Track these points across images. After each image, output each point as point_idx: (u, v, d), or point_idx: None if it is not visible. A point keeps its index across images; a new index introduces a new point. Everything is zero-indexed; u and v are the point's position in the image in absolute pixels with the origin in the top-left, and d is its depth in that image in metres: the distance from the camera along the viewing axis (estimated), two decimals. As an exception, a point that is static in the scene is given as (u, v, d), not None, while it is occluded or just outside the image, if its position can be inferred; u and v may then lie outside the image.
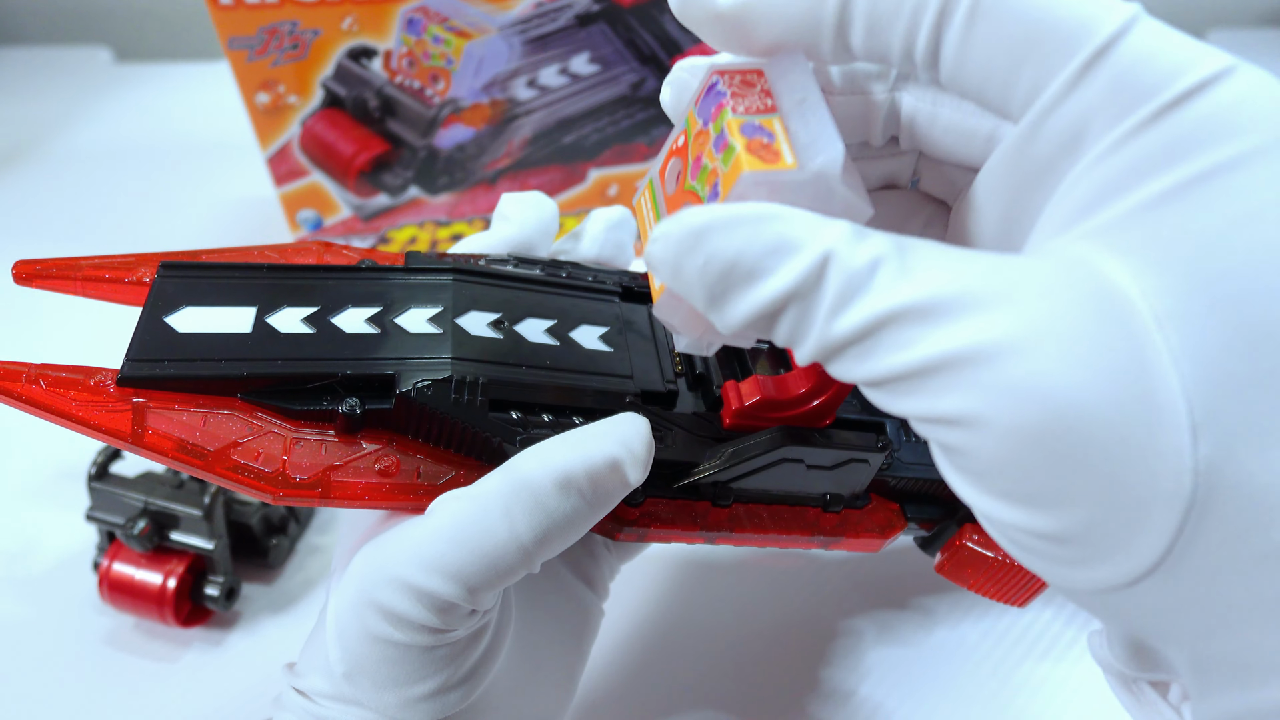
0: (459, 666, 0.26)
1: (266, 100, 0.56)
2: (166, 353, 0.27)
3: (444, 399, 0.27)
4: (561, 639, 0.32)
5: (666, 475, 0.30)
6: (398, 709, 0.26)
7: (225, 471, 0.26)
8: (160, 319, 0.27)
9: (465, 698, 0.27)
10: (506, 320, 0.30)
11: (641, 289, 0.34)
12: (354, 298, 0.29)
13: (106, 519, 0.42)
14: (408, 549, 0.25)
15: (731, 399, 0.30)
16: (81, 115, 0.83)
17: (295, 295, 0.29)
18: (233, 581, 0.43)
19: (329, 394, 0.27)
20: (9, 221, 0.71)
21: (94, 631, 0.43)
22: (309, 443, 0.27)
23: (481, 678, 0.27)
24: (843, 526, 0.32)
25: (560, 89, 0.58)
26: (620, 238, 0.36)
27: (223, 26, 0.52)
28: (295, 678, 0.28)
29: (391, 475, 0.27)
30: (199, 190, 0.74)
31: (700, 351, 0.25)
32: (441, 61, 0.55)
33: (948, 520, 0.34)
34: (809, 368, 0.29)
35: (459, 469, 0.28)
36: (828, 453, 0.30)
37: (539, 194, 0.35)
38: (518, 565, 0.25)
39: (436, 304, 0.29)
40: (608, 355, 0.31)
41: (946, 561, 0.34)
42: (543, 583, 0.32)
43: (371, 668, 0.26)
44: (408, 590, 0.24)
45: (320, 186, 0.61)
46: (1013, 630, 0.44)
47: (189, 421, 0.26)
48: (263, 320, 0.28)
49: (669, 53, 0.57)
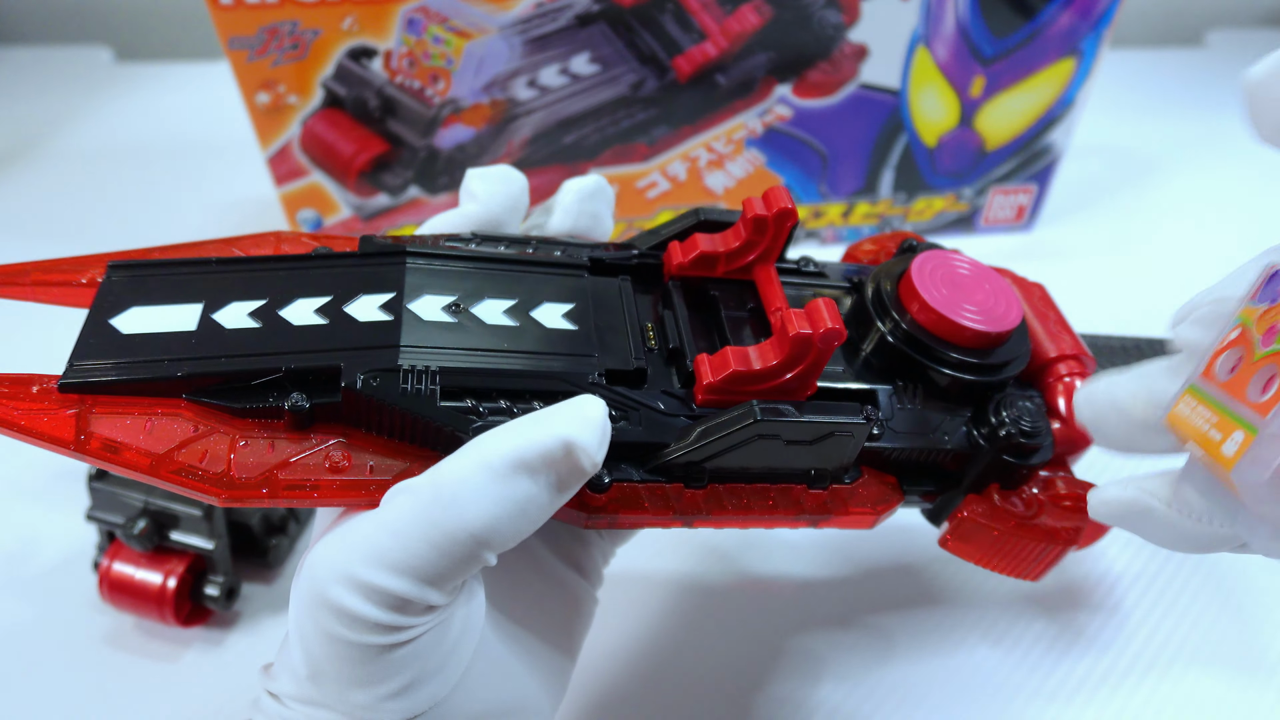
0: (425, 661, 0.25)
1: (267, 100, 0.56)
2: (110, 356, 0.26)
3: (392, 390, 0.26)
4: (548, 626, 0.31)
5: (636, 458, 0.29)
6: (366, 709, 0.25)
7: (170, 475, 0.25)
8: (105, 321, 0.27)
9: (437, 693, 0.26)
10: (462, 303, 0.29)
11: (613, 260, 0.33)
12: (304, 288, 0.28)
13: (106, 519, 0.42)
14: (357, 545, 0.24)
15: (703, 374, 0.29)
16: (81, 115, 0.83)
17: (244, 289, 0.28)
18: (233, 581, 0.43)
19: (275, 390, 0.26)
20: (9, 221, 0.71)
21: (94, 631, 0.43)
22: (256, 441, 0.26)
23: (454, 671, 0.26)
24: (831, 503, 0.31)
25: (560, 89, 0.58)
26: (594, 208, 0.34)
27: (223, 26, 0.52)
28: (269, 680, 0.27)
29: (343, 471, 0.26)
30: (199, 190, 0.74)
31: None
32: (442, 61, 0.55)
33: (951, 491, 0.33)
34: (780, 336, 0.28)
35: (414, 461, 0.27)
36: (805, 426, 0.28)
37: (506, 167, 0.33)
38: (471, 556, 0.24)
39: (389, 290, 0.28)
40: (571, 334, 0.29)
41: (951, 534, 0.32)
42: (526, 571, 0.31)
43: (333, 669, 0.25)
44: (358, 587, 0.24)
45: (320, 186, 0.61)
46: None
47: (133, 425, 0.25)
48: (209, 317, 0.27)
49: (669, 53, 0.57)
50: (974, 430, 0.32)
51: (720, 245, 0.32)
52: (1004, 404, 0.32)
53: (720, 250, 0.32)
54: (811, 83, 0.60)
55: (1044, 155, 0.66)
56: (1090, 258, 0.68)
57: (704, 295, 0.33)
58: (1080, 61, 0.60)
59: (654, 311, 0.32)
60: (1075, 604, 0.45)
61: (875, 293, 0.33)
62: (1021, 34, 0.58)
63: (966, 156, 0.65)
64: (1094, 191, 0.76)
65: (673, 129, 0.61)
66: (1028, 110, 0.63)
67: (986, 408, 0.32)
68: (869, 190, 0.66)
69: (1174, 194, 0.76)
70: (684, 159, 0.62)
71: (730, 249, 0.32)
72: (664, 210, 0.65)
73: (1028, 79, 0.61)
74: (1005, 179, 0.67)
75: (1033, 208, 0.70)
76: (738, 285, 0.33)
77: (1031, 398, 0.32)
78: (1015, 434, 0.31)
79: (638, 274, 0.33)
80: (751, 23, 0.56)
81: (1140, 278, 0.66)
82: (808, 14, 0.56)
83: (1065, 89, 0.62)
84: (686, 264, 0.32)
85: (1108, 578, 0.46)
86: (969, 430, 0.32)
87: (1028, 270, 0.41)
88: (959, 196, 0.68)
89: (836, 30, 0.57)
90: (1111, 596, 0.46)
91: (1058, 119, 0.64)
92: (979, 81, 0.61)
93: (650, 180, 0.63)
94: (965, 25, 0.58)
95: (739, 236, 0.32)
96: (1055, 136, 0.65)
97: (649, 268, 0.33)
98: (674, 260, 0.33)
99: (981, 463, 0.32)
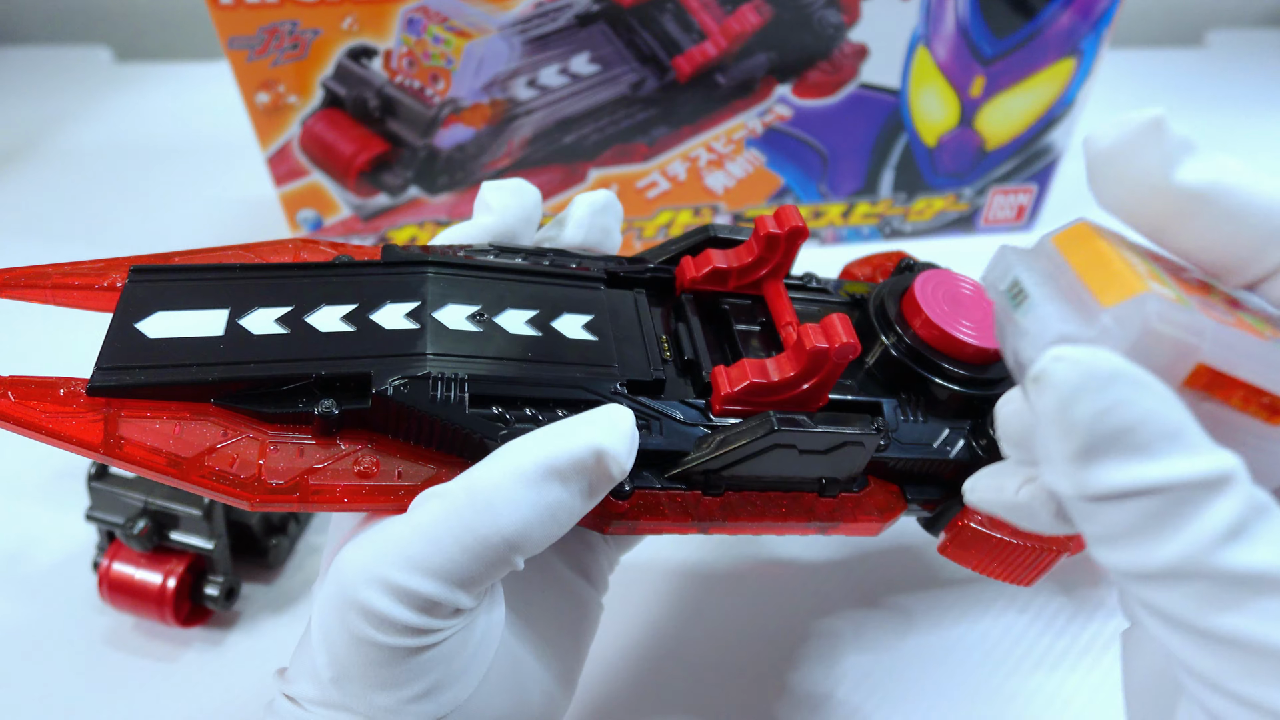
0: (449, 665, 0.26)
1: (266, 100, 0.56)
2: (137, 360, 0.26)
3: (422, 397, 0.26)
4: (559, 633, 0.31)
5: (656, 465, 0.29)
6: (389, 712, 0.25)
7: (200, 479, 0.25)
8: (131, 325, 0.27)
9: (458, 697, 0.26)
10: (486, 312, 0.29)
11: (627, 274, 0.33)
12: (329, 295, 0.28)
13: (106, 519, 0.42)
14: (389, 548, 0.24)
15: (721, 385, 0.30)
16: (81, 115, 0.83)
17: (269, 295, 0.28)
18: (233, 581, 0.43)
19: (304, 396, 0.26)
20: (9, 221, 0.71)
21: (94, 631, 0.43)
22: (286, 446, 0.26)
23: (476, 674, 0.27)
24: (840, 511, 0.32)
25: (560, 89, 0.58)
26: (605, 222, 0.35)
27: (223, 26, 0.52)
28: (286, 684, 0.27)
29: (371, 476, 0.26)
30: (199, 190, 0.74)
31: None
32: (441, 61, 0.55)
33: (950, 500, 0.34)
34: (796, 350, 0.29)
35: (441, 467, 0.27)
36: (820, 437, 0.29)
37: (521, 181, 0.34)
38: (502, 560, 0.25)
39: (413, 299, 0.29)
40: (592, 344, 0.30)
41: (950, 542, 0.33)
42: (537, 577, 0.31)
43: (359, 671, 0.25)
44: (390, 590, 0.24)
45: (320, 186, 0.61)
46: (992, 633, 0.44)
47: (162, 429, 0.25)
48: (235, 322, 0.27)
49: (669, 53, 0.57)
50: (973, 442, 0.33)
51: (732, 261, 0.34)
52: None
53: (732, 266, 0.33)
54: (811, 83, 0.60)
55: (1044, 155, 0.66)
56: (1090, 258, 0.68)
57: (715, 309, 0.34)
58: (1080, 61, 0.60)
59: (666, 324, 0.33)
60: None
61: (879, 308, 0.34)
62: (1022, 34, 0.58)
63: (967, 156, 0.65)
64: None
65: (673, 129, 0.61)
66: (1028, 110, 0.63)
67: (985, 420, 0.33)
68: (869, 190, 0.66)
69: (1174, 194, 0.76)
70: (684, 159, 0.62)
71: (742, 264, 0.33)
72: (664, 210, 0.65)
73: (1028, 79, 0.61)
74: (1005, 179, 0.67)
75: (1033, 208, 0.70)
76: (748, 299, 0.35)
77: None
78: None
79: (651, 287, 0.34)
80: (751, 23, 0.56)
81: (1140, 278, 0.66)
82: (808, 14, 0.56)
83: (1065, 89, 0.62)
84: (699, 278, 0.34)
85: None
86: (969, 442, 0.33)
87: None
88: (959, 196, 0.68)
89: (836, 30, 0.57)
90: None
91: (1058, 119, 0.64)
92: (979, 81, 0.61)
93: (650, 180, 0.63)
94: (965, 25, 0.58)
95: (751, 252, 0.33)
96: (1055, 136, 0.65)
97: (662, 281, 0.34)
98: (687, 275, 0.34)
99: None
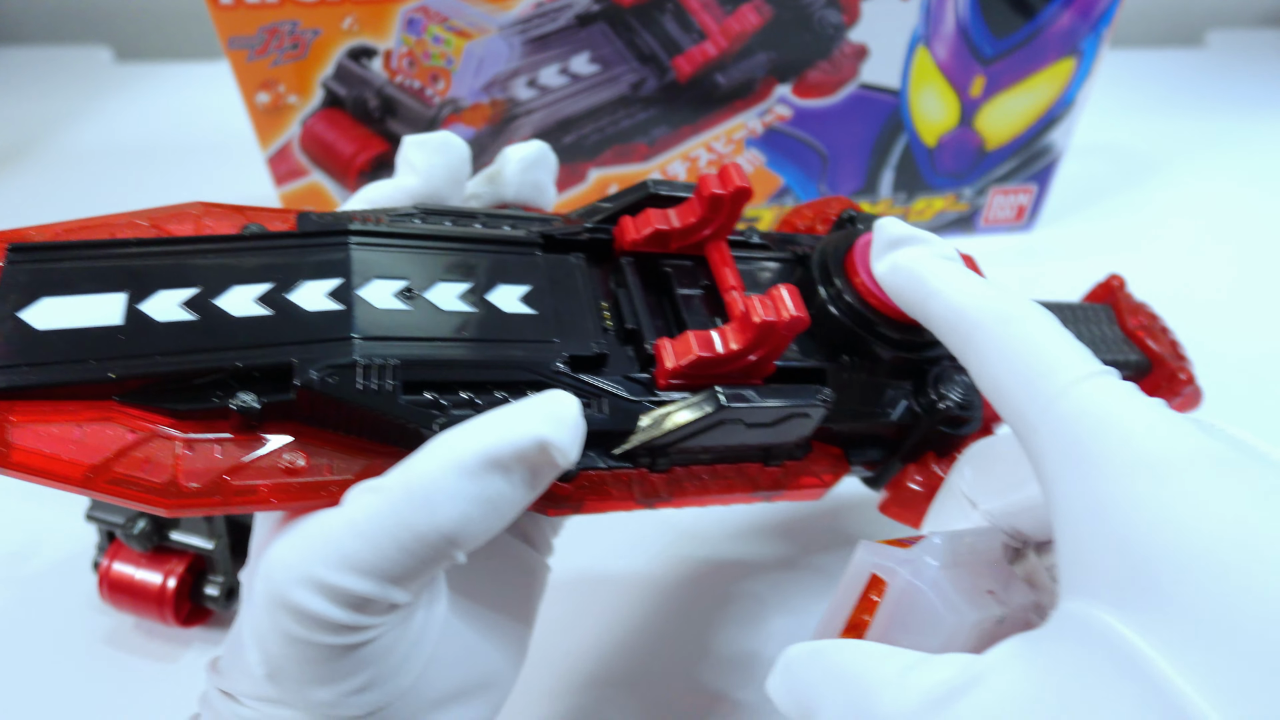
0: (389, 658, 0.25)
1: (266, 100, 0.56)
2: (24, 357, 0.23)
3: (349, 386, 0.24)
4: (505, 601, 0.30)
5: (600, 444, 0.28)
6: (329, 706, 0.24)
7: (108, 486, 0.23)
8: (13, 315, 0.23)
9: (402, 684, 0.25)
10: (415, 288, 0.27)
11: (564, 236, 0.31)
12: (241, 274, 0.25)
13: (106, 518, 0.42)
14: (321, 545, 0.23)
15: (665, 358, 0.28)
16: (81, 115, 0.83)
17: (172, 275, 0.25)
18: (233, 581, 0.43)
19: (220, 389, 0.24)
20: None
21: (94, 631, 0.43)
22: (203, 445, 0.24)
23: (418, 661, 0.26)
24: (784, 478, 0.31)
25: (560, 89, 0.58)
26: (538, 177, 0.33)
27: (223, 26, 0.52)
28: (219, 677, 0.26)
29: (299, 473, 0.24)
30: (199, 190, 0.74)
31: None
32: (441, 61, 0.55)
33: (891, 459, 0.34)
34: (743, 322, 0.28)
35: (375, 458, 0.25)
36: (768, 411, 0.28)
37: (447, 135, 0.32)
38: (441, 556, 0.23)
39: (335, 275, 0.26)
40: (531, 319, 0.28)
41: (891, 501, 0.33)
42: (480, 548, 0.31)
43: (294, 669, 0.24)
44: (322, 589, 0.23)
45: (320, 186, 0.61)
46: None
47: (60, 434, 0.23)
48: (135, 308, 0.24)
49: (669, 53, 0.57)
50: (914, 402, 0.33)
51: (674, 221, 0.32)
52: (941, 378, 0.33)
53: (674, 227, 0.32)
54: (811, 83, 0.60)
55: (1044, 155, 0.66)
56: (1090, 258, 0.68)
57: (656, 271, 0.32)
58: (1080, 61, 0.60)
59: (605, 287, 0.32)
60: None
61: (822, 268, 0.33)
62: (1021, 34, 0.59)
63: (966, 156, 0.65)
64: (1094, 191, 0.76)
65: (673, 129, 0.61)
66: (1028, 110, 0.63)
67: (926, 381, 0.33)
68: (869, 190, 0.66)
69: (1174, 194, 0.76)
70: (684, 159, 0.62)
71: (685, 225, 0.32)
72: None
73: (1028, 79, 0.61)
74: (1005, 179, 0.67)
75: (1033, 208, 0.70)
76: (689, 260, 0.33)
77: (963, 371, 0.33)
78: (952, 406, 0.32)
79: (589, 249, 0.32)
80: (751, 23, 0.56)
81: (1140, 278, 0.66)
82: (808, 14, 0.56)
83: (1065, 89, 0.62)
84: (640, 240, 0.32)
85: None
86: (909, 403, 0.33)
87: (1028, 270, 0.41)
88: (959, 196, 0.68)
89: (836, 30, 0.57)
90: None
91: (1058, 119, 0.64)
92: (979, 81, 0.61)
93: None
94: (965, 25, 0.58)
95: (694, 213, 0.31)
96: (1055, 136, 0.65)
97: (600, 243, 0.32)
98: (626, 236, 0.32)
99: (920, 433, 0.33)
